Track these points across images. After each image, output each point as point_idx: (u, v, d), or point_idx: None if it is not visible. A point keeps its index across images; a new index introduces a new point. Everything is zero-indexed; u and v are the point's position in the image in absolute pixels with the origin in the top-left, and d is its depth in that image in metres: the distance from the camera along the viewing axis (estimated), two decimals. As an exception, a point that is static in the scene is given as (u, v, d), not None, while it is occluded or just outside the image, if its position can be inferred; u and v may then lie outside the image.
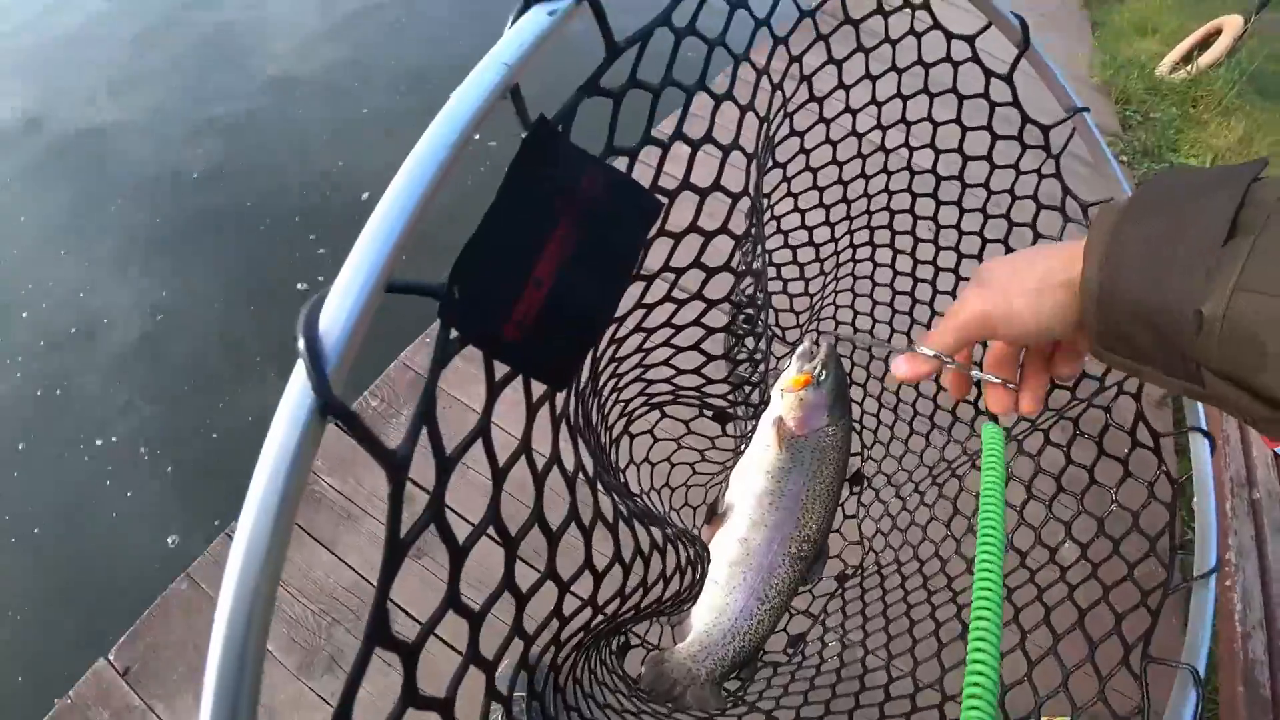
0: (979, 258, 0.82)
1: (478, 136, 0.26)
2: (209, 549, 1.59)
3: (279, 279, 2.57)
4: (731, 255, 0.58)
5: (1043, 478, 0.76)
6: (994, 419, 0.63)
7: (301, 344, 0.21)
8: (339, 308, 0.22)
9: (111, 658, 1.44)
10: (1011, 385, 0.53)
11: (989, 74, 0.70)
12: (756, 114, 0.54)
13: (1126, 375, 0.70)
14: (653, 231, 0.33)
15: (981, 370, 0.53)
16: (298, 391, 0.21)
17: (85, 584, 1.93)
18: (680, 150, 0.42)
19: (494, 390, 0.30)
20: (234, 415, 2.24)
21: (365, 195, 2.77)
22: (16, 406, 2.28)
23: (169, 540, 1.93)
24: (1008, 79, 0.69)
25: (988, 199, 0.79)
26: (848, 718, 0.73)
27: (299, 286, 2.51)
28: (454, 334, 0.26)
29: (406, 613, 1.44)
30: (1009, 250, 0.80)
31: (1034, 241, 0.78)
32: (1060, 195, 0.72)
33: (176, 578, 1.54)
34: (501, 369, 0.30)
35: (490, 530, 0.31)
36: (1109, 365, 0.42)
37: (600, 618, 0.49)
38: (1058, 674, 0.65)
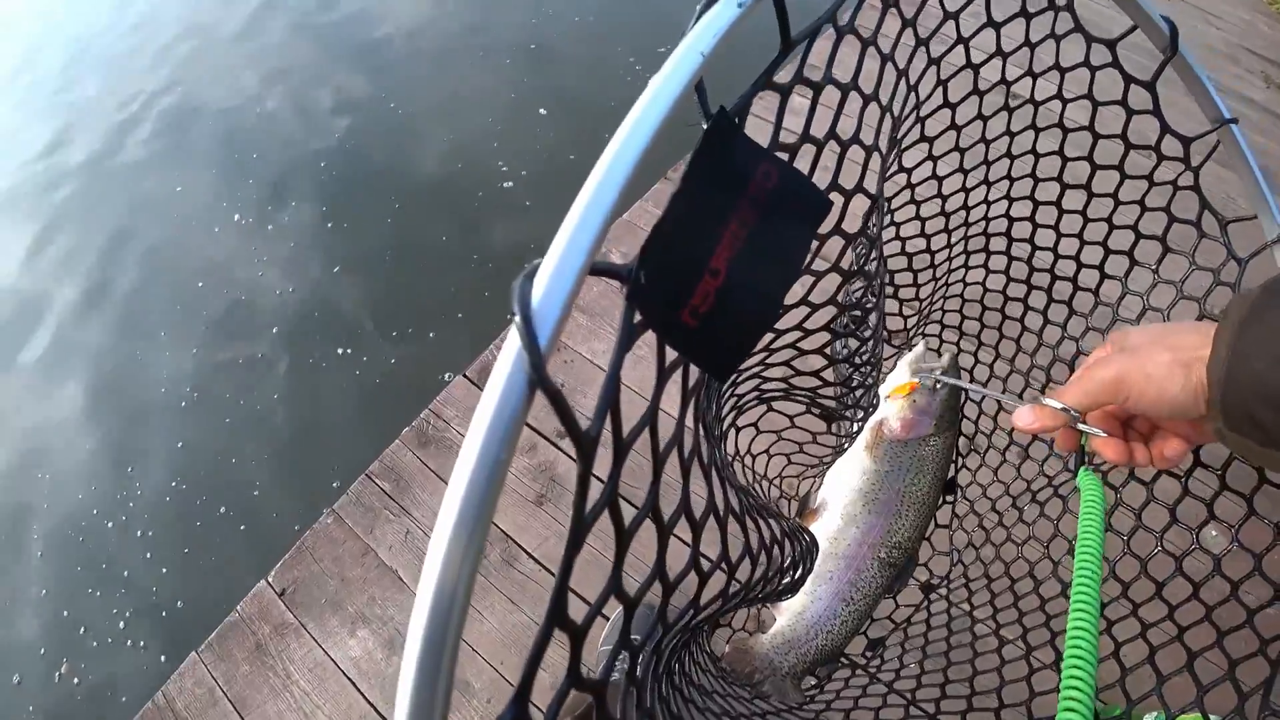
0: (1100, 269, 0.79)
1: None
2: (350, 488, 1.76)
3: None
4: (864, 257, 0.58)
5: (1155, 507, 0.72)
6: (1094, 466, 0.60)
7: (518, 319, 0.21)
8: (550, 288, 0.22)
9: (270, 580, 1.64)
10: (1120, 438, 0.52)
11: (1129, 80, 0.67)
12: (893, 114, 0.54)
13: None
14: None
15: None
16: (512, 364, 0.21)
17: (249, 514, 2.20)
18: (826, 148, 0.42)
19: (663, 376, 0.30)
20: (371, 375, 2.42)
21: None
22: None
23: (334, 484, 2.12)
24: (1149, 86, 0.66)
25: (1114, 209, 0.76)
26: (934, 705, 0.73)
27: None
28: (637, 318, 0.27)
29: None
30: (1132, 262, 0.77)
31: (1162, 256, 0.74)
32: (1197, 210, 0.69)
33: (323, 514, 1.73)
34: (666, 357, 0.30)
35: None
36: (1233, 449, 0.42)
37: (722, 604, 0.50)
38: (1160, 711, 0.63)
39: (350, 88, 3.26)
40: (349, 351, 2.45)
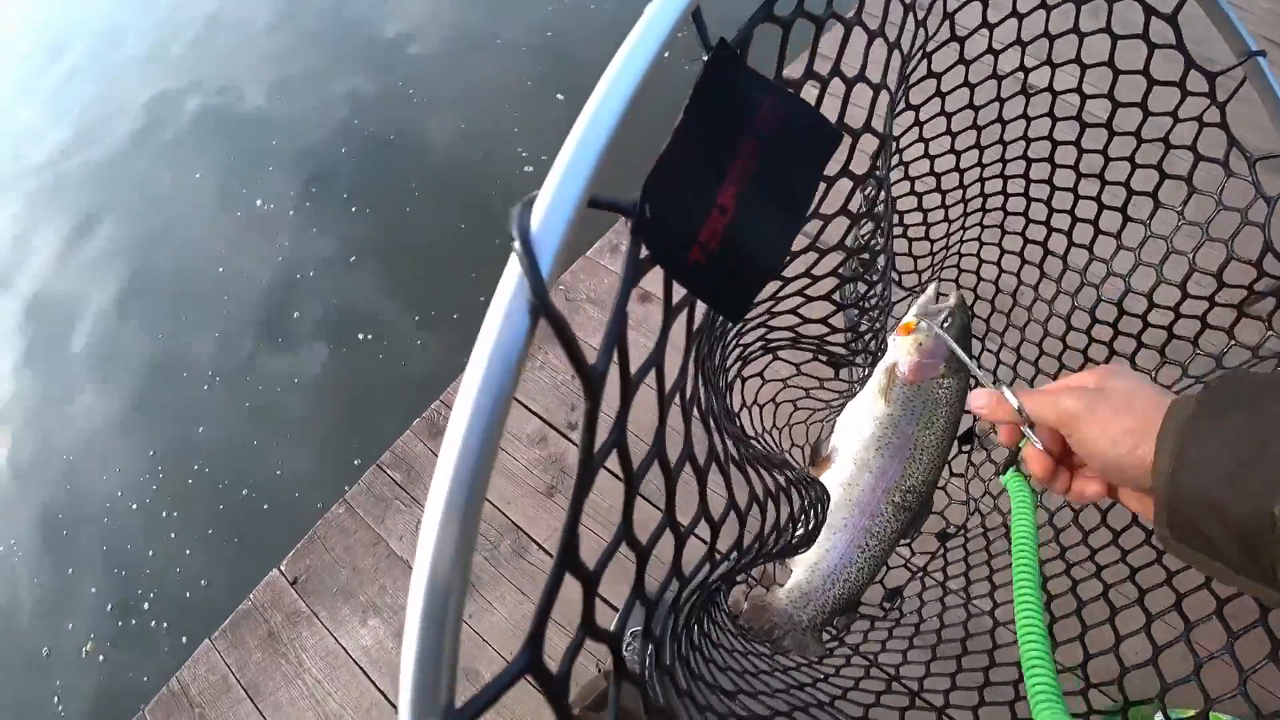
0: (1123, 210, 0.77)
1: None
2: (361, 478, 1.77)
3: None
4: (873, 200, 0.56)
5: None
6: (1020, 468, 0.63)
7: (517, 245, 0.20)
8: (549, 215, 0.22)
9: (283, 568, 1.66)
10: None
11: (1150, 12, 0.65)
12: (901, 51, 0.53)
13: None
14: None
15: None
16: (512, 291, 0.20)
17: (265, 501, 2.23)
18: (830, 88, 0.41)
19: (670, 317, 0.29)
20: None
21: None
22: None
23: (355, 461, 2.16)
24: (1171, 19, 0.63)
25: (1137, 148, 0.74)
26: (954, 663, 0.73)
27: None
28: (644, 253, 0.26)
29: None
30: (1156, 204, 0.74)
31: (1188, 197, 0.72)
32: (1225, 147, 0.66)
33: (335, 503, 1.74)
34: (676, 296, 0.29)
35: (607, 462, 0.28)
36: (1174, 554, 0.41)
37: (738, 559, 0.50)
38: (1189, 662, 0.62)
39: (369, 77, 3.28)
40: (369, 337, 2.48)
